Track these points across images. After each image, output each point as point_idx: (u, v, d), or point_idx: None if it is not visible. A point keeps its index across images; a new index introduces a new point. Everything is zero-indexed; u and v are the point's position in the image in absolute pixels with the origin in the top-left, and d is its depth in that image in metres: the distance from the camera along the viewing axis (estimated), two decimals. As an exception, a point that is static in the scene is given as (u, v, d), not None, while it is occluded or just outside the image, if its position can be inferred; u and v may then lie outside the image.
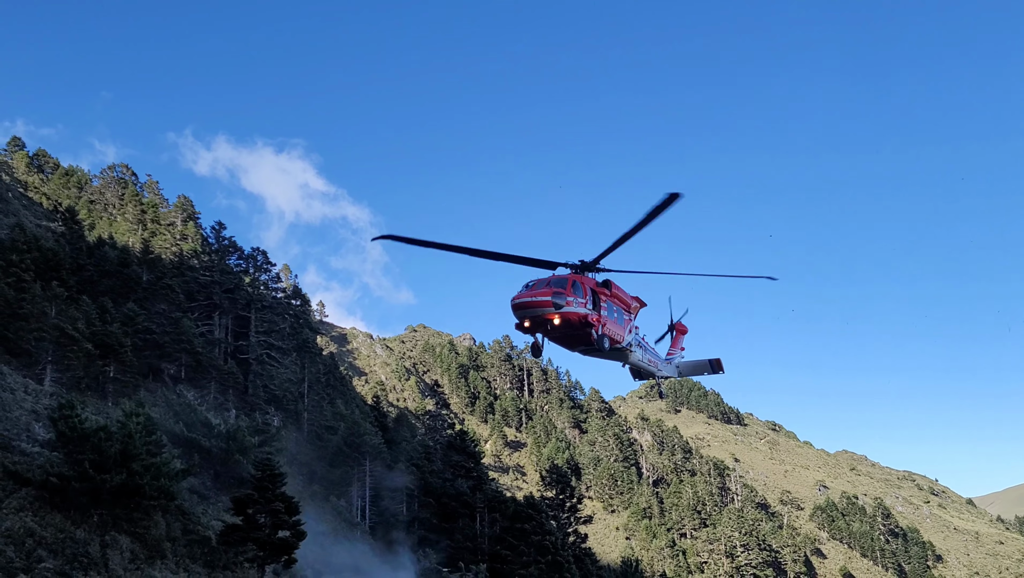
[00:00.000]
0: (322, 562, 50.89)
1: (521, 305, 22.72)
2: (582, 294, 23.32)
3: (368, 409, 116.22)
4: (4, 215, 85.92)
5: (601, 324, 24.20)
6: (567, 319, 22.81)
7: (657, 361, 30.14)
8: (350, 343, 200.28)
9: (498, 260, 23.02)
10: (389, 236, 21.09)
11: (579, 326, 23.38)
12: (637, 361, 28.25)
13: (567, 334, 23.83)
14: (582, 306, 23.21)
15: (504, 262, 23.17)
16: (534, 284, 23.25)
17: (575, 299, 22.98)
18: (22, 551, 29.54)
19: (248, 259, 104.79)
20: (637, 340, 27.78)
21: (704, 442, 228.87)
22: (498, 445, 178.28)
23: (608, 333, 24.72)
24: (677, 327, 32.16)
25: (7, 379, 47.18)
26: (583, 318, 23.24)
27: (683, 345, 32.73)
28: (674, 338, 32.25)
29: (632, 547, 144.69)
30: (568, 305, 22.69)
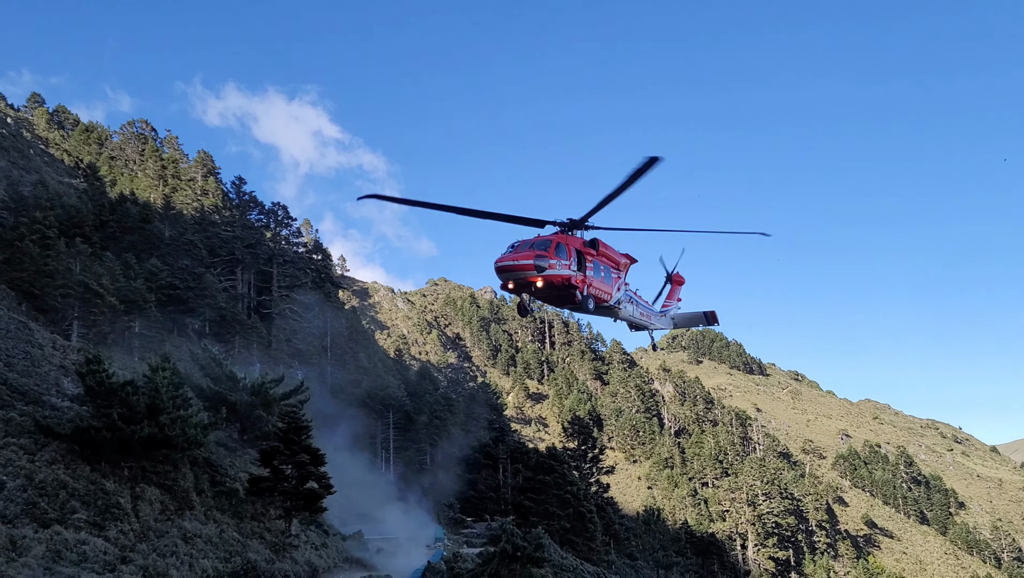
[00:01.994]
0: (348, 512, 51.68)
1: (504, 268, 22.82)
2: (566, 256, 23.37)
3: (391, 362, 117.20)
4: (27, 172, 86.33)
5: (586, 284, 24.29)
6: (550, 281, 22.90)
7: (650, 314, 30.16)
8: (372, 297, 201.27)
9: (487, 219, 22.91)
10: (375, 195, 20.88)
11: (562, 287, 23.51)
12: (628, 316, 28.33)
13: (551, 295, 24.04)
14: (565, 268, 23.26)
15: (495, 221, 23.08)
16: (518, 245, 23.31)
17: (558, 261, 23.03)
18: (56, 502, 30.09)
19: (269, 214, 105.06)
20: (628, 296, 27.76)
21: (726, 392, 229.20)
22: (520, 397, 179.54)
23: (593, 293, 24.79)
24: (674, 278, 32.09)
25: (35, 335, 47.72)
26: (566, 280, 23.35)
27: (680, 296, 32.65)
28: (671, 290, 32.14)
29: (654, 497, 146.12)
30: (551, 268, 22.74)
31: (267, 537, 39.37)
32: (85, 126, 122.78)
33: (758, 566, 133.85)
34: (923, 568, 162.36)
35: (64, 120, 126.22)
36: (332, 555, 42.96)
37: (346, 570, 43.13)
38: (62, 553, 27.28)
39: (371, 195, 20.59)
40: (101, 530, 30.09)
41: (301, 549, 40.60)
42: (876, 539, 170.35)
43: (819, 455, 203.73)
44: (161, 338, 67.18)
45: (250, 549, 36.44)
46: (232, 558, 34.58)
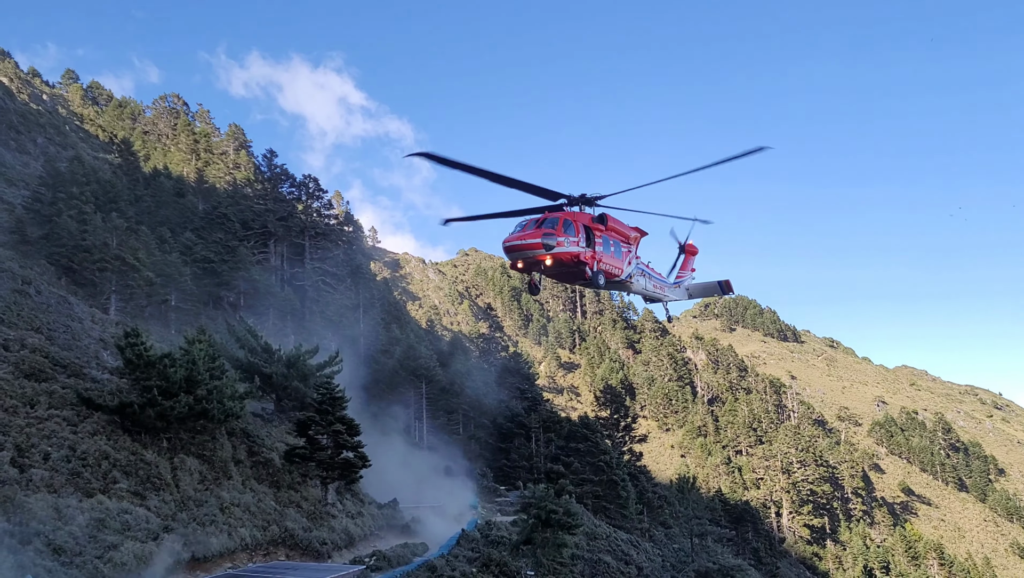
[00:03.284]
0: (383, 481, 52.27)
1: (512, 248, 22.87)
2: (574, 232, 23.32)
3: (422, 333, 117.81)
4: (62, 148, 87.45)
5: (596, 260, 24.25)
6: (559, 259, 22.89)
7: (663, 286, 30.11)
8: (403, 268, 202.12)
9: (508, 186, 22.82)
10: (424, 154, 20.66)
11: (572, 264, 23.47)
12: (640, 289, 28.32)
13: (561, 272, 24.09)
14: (574, 245, 23.22)
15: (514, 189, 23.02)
16: (525, 224, 23.31)
17: (566, 238, 22.99)
18: (98, 473, 30.73)
19: (300, 186, 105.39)
20: (639, 269, 27.68)
21: (760, 360, 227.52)
22: (552, 367, 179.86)
23: (604, 268, 24.78)
24: (687, 248, 31.89)
25: (75, 309, 48.57)
26: (575, 257, 23.30)
27: (693, 266, 32.51)
28: (684, 260, 31.97)
29: (687, 465, 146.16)
30: (559, 245, 22.73)
31: (304, 506, 39.97)
32: (118, 101, 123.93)
33: (793, 533, 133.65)
34: (962, 535, 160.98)
35: (98, 96, 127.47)
36: (368, 523, 43.56)
37: (382, 538, 43.73)
38: (106, 522, 27.89)
39: (420, 153, 20.43)
40: (143, 500, 30.72)
41: (338, 518, 41.20)
42: (913, 506, 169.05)
43: (855, 422, 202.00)
44: (197, 311, 68.11)
45: (287, 518, 37.04)
46: (270, 526, 35.19)
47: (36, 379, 35.36)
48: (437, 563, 36.83)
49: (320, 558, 36.22)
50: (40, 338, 40.07)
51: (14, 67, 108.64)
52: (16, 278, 46.81)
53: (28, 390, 33.90)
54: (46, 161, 72.94)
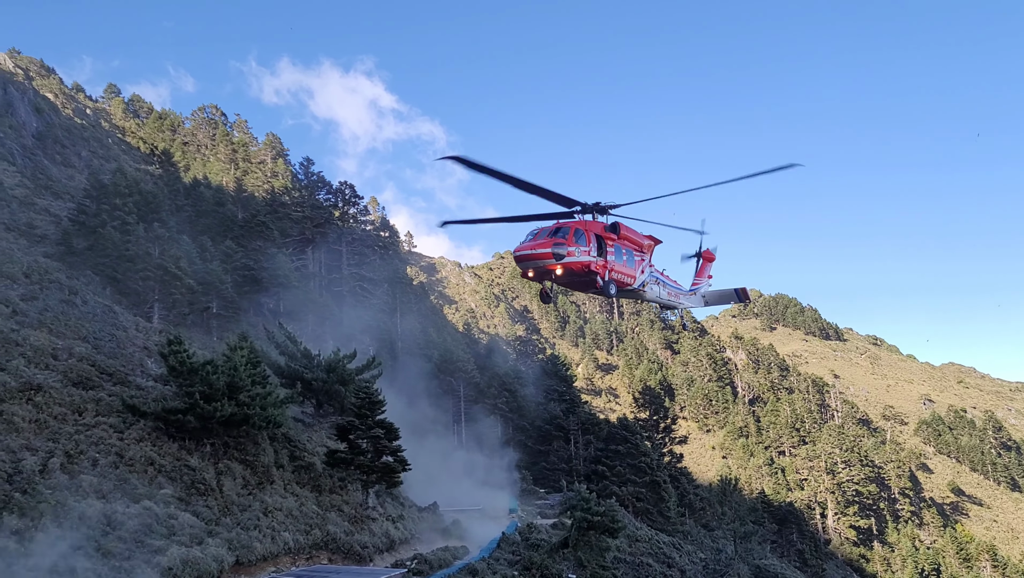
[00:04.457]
0: (423, 485, 52.48)
1: (523, 257, 22.92)
2: (585, 242, 23.26)
3: (459, 336, 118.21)
4: (105, 160, 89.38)
5: (608, 269, 24.18)
6: (570, 268, 22.89)
7: (678, 293, 29.94)
8: (439, 272, 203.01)
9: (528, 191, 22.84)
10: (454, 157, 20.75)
11: (583, 274, 23.44)
12: (655, 298, 28.18)
13: (572, 281, 24.06)
14: (585, 254, 23.17)
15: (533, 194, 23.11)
16: (536, 233, 23.31)
17: (577, 248, 22.96)
18: (144, 478, 31.29)
19: (336, 193, 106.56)
20: (653, 277, 27.58)
21: (801, 359, 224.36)
22: (589, 368, 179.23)
23: (615, 277, 24.70)
24: (704, 255, 31.63)
25: (119, 318, 49.56)
26: (586, 266, 23.27)
27: (710, 273, 32.23)
28: (700, 267, 31.71)
29: (729, 466, 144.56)
30: (570, 255, 22.72)
31: (345, 510, 40.27)
32: (158, 114, 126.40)
33: (839, 535, 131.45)
34: (1015, 536, 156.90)
35: (139, 108, 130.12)
36: (409, 527, 43.74)
37: (423, 541, 43.87)
38: (152, 527, 28.36)
39: (451, 156, 20.57)
40: (188, 505, 31.19)
41: (378, 521, 41.43)
42: (964, 507, 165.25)
43: (900, 421, 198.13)
44: (237, 318, 69.11)
45: (329, 522, 37.33)
46: (312, 530, 35.48)
47: (84, 387, 36.13)
48: (478, 566, 36.83)
49: (362, 562, 36.45)
50: (87, 347, 40.94)
51: (59, 83, 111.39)
52: (63, 288, 47.90)
53: (76, 398, 34.66)
54: (90, 174, 74.60)
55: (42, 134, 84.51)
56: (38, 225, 62.83)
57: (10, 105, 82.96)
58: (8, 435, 29.64)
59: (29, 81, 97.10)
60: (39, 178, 75.16)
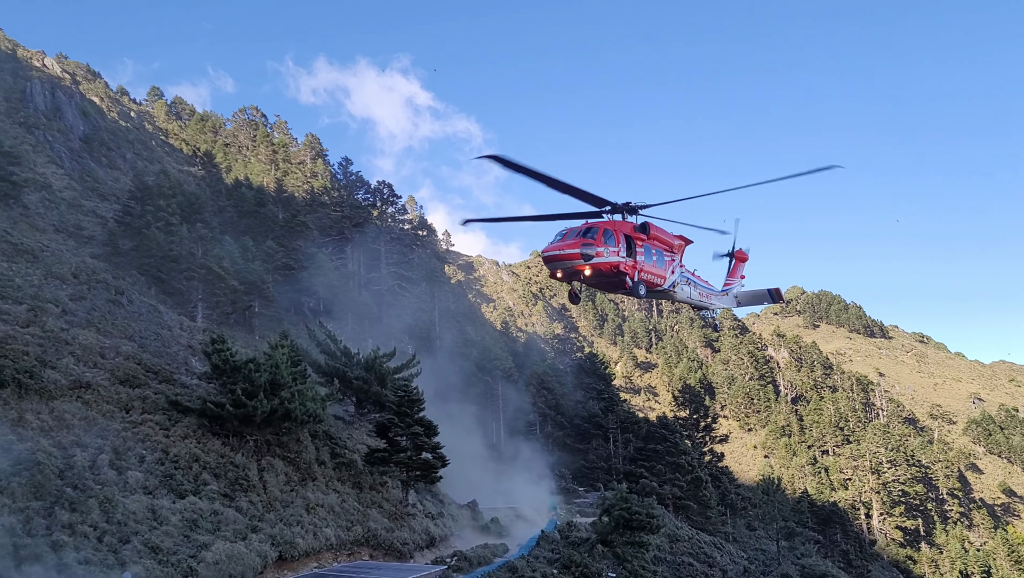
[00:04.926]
0: (462, 483, 52.63)
1: (551, 257, 22.79)
2: (614, 242, 23.08)
3: (498, 335, 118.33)
4: (149, 162, 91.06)
5: (637, 270, 23.99)
6: (598, 269, 22.73)
7: (710, 294, 29.62)
8: (477, 270, 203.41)
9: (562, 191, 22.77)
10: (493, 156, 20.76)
11: (612, 274, 23.26)
12: (685, 298, 27.89)
13: (601, 282, 23.85)
14: (614, 254, 22.99)
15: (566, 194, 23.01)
16: (565, 234, 23.16)
17: (606, 248, 22.78)
18: (189, 475, 31.81)
19: (375, 192, 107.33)
20: (684, 277, 27.31)
21: (846, 357, 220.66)
22: (628, 367, 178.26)
23: (645, 278, 24.51)
24: (736, 255, 31.32)
25: (164, 317, 50.46)
26: (615, 267, 23.09)
27: (743, 273, 31.85)
28: (733, 267, 31.38)
29: (771, 465, 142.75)
30: (598, 256, 22.55)
31: (385, 506, 40.55)
32: (200, 116, 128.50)
33: (884, 536, 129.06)
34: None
35: (181, 111, 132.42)
36: (448, 524, 43.91)
37: (462, 538, 44.02)
38: (198, 522, 28.82)
39: (489, 155, 20.62)
40: (232, 501, 31.64)
41: (418, 518, 41.66)
42: (1016, 508, 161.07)
43: (948, 420, 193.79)
44: (279, 317, 69.98)
45: (370, 518, 37.62)
46: (353, 527, 35.79)
47: (130, 385, 36.83)
48: (518, 564, 36.84)
49: (402, 558, 36.67)
50: (133, 346, 41.74)
51: (104, 87, 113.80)
52: (110, 288, 48.89)
53: (123, 395, 35.34)
54: (135, 176, 76.16)
55: (88, 137, 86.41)
56: (85, 226, 64.23)
57: (58, 109, 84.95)
58: (59, 431, 30.32)
59: (76, 85, 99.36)
60: (86, 180, 76.86)
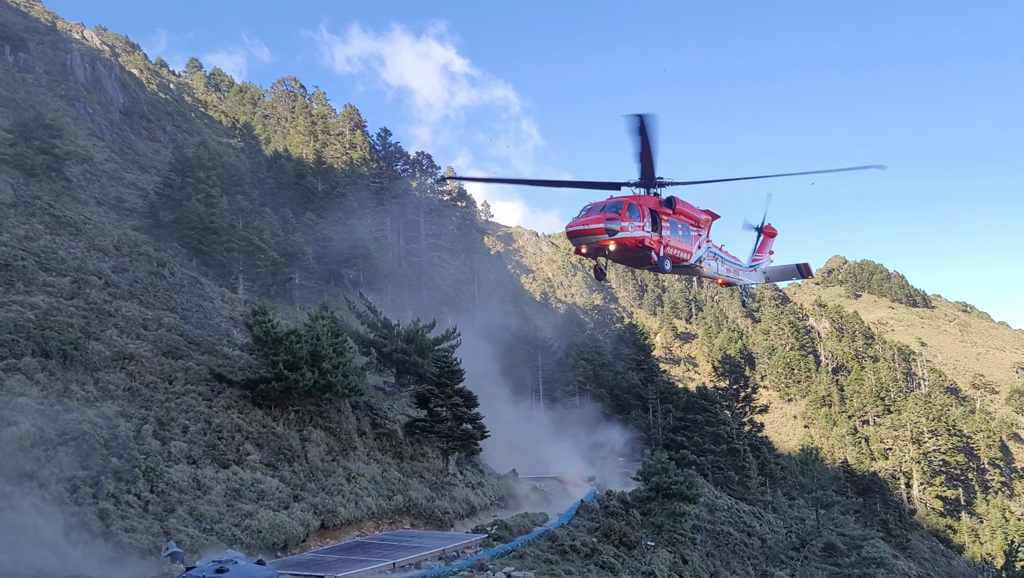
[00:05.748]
0: (501, 452, 52.74)
1: (575, 233, 22.40)
2: (639, 217, 22.59)
3: (537, 305, 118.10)
4: (189, 134, 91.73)
5: (663, 244, 23.50)
6: (623, 244, 22.28)
7: (738, 269, 29.07)
8: (516, 241, 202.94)
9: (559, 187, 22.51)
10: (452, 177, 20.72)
11: (637, 249, 22.85)
12: (712, 274, 27.39)
13: (626, 257, 23.59)
14: (639, 229, 22.52)
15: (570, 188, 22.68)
16: (589, 209, 22.71)
17: (631, 223, 22.29)
18: (232, 445, 32.17)
19: (414, 164, 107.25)
20: (711, 253, 26.73)
21: (887, 327, 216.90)
22: (668, 337, 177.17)
23: (671, 253, 24.01)
24: (765, 230, 30.64)
25: (206, 289, 50.96)
26: (640, 241, 22.64)
27: (772, 249, 31.21)
28: (762, 242, 30.72)
29: (811, 435, 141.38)
30: (623, 230, 22.07)
31: (426, 476, 40.72)
32: (239, 87, 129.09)
33: (925, 505, 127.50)
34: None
35: (219, 82, 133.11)
36: (488, 493, 44.02)
37: (502, 508, 44.13)
38: (241, 492, 29.14)
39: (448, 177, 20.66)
40: (274, 470, 31.95)
41: (458, 487, 41.79)
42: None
43: (991, 390, 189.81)
44: (319, 288, 70.40)
45: (411, 488, 37.80)
46: (394, 496, 35.98)
47: (173, 356, 37.25)
48: (558, 533, 36.84)
49: (443, 527, 36.86)
50: (175, 317, 42.19)
51: (143, 59, 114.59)
52: (152, 261, 49.43)
53: (166, 367, 35.76)
54: (175, 148, 76.77)
55: (128, 109, 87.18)
56: (126, 199, 64.95)
57: (98, 82, 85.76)
58: (104, 402, 30.78)
59: (115, 57, 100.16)
60: (126, 153, 77.67)
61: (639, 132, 20.70)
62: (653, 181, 23.22)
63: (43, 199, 49.71)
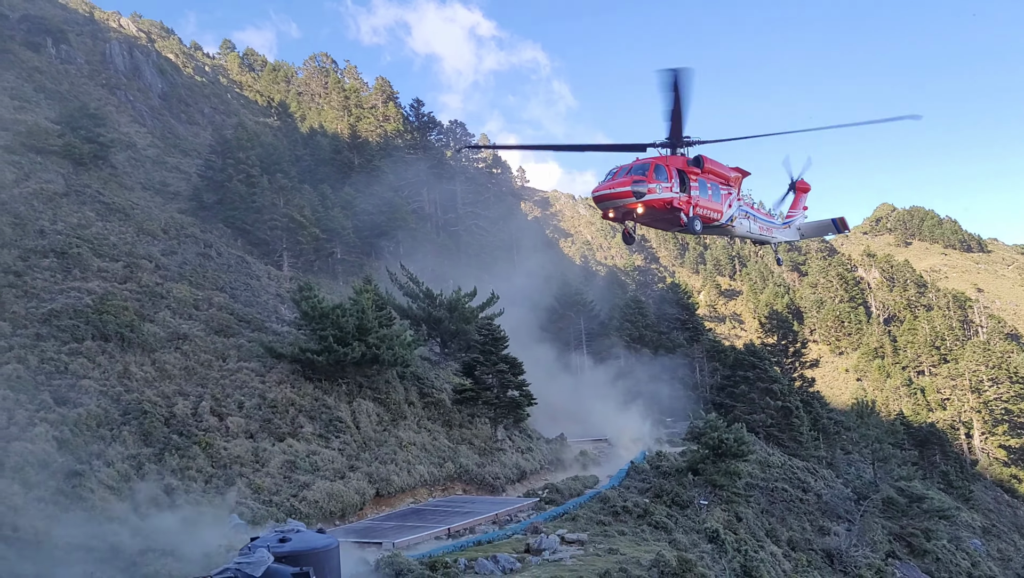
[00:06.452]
0: (548, 417, 53.07)
1: (602, 197, 22.06)
2: (666, 177, 22.20)
3: (577, 269, 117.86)
4: (226, 116, 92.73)
5: (692, 205, 23.09)
6: (651, 206, 21.93)
7: (771, 227, 28.72)
8: (553, 205, 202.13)
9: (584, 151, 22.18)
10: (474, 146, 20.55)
11: (665, 211, 22.48)
12: (744, 233, 27.06)
13: (655, 219, 23.32)
14: (667, 191, 22.15)
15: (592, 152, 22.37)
16: (615, 172, 22.34)
17: (658, 184, 21.91)
18: (286, 418, 32.95)
19: (447, 133, 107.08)
20: (743, 211, 26.28)
21: (941, 274, 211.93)
22: (712, 295, 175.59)
23: (700, 213, 23.60)
24: (798, 185, 30.10)
25: (252, 268, 51.88)
26: (668, 203, 22.27)
27: (806, 204, 30.71)
28: (795, 198, 30.21)
29: (864, 388, 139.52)
30: (651, 192, 21.72)
31: (475, 443, 41.26)
32: (272, 66, 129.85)
33: (987, 456, 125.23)
34: None
35: (253, 62, 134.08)
36: (537, 458, 44.45)
37: (552, 472, 44.53)
38: (297, 463, 29.89)
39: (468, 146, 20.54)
40: (328, 442, 32.68)
41: (508, 453, 42.29)
42: None
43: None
44: (360, 262, 71.16)
45: (461, 454, 38.37)
46: (445, 463, 36.58)
47: (224, 334, 38.13)
48: (609, 494, 37.11)
49: (495, 492, 37.39)
50: (224, 297, 43.09)
51: (178, 43, 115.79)
52: (199, 242, 50.42)
53: (219, 345, 36.65)
54: (214, 130, 77.74)
55: (167, 94, 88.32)
56: (170, 183, 66.09)
57: (137, 68, 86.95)
58: (162, 382, 31.71)
59: (151, 44, 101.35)
60: (168, 137, 78.86)
61: (672, 88, 20.39)
62: (681, 141, 22.84)
63: (92, 187, 50.85)
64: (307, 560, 13.16)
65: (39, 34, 76.29)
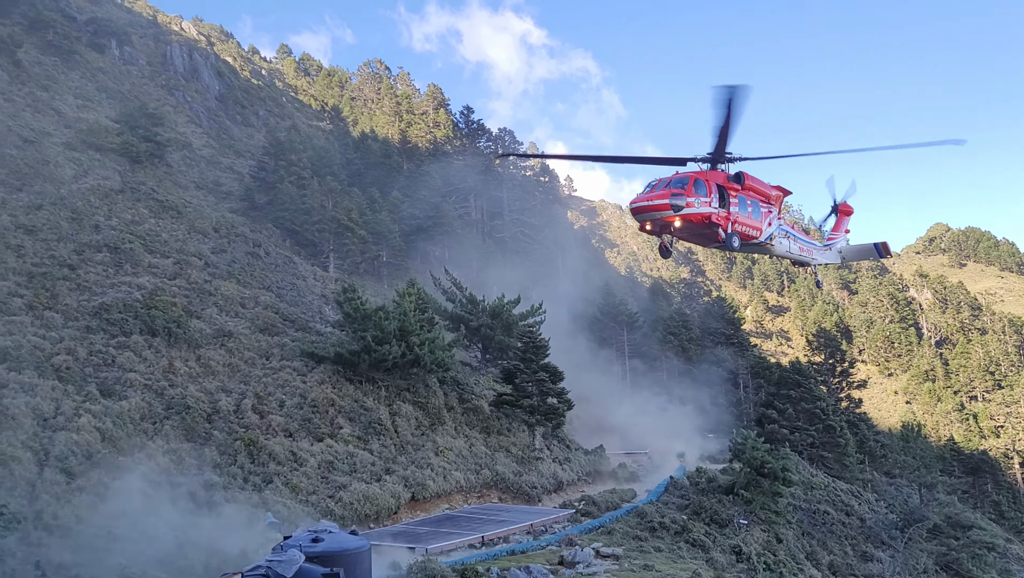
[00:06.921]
0: (588, 428, 52.74)
1: (640, 209, 21.82)
2: (705, 192, 21.88)
3: (622, 280, 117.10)
4: (280, 119, 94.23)
5: (731, 221, 22.68)
6: (689, 220, 21.62)
7: (811, 248, 27.89)
8: (600, 216, 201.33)
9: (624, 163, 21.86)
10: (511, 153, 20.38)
11: (703, 226, 22.14)
12: (784, 252, 26.27)
13: (692, 234, 22.98)
14: (705, 205, 21.81)
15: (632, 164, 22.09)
16: (654, 185, 22.11)
17: (697, 199, 21.60)
18: (326, 419, 33.21)
19: (496, 140, 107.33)
20: (782, 230, 25.61)
21: (996, 297, 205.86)
22: (758, 311, 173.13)
23: (739, 230, 23.15)
24: (841, 208, 29.35)
25: (299, 268, 52.53)
26: (707, 218, 21.93)
27: (848, 228, 29.97)
28: (837, 221, 29.54)
29: (913, 412, 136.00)
30: (689, 206, 21.43)
31: (513, 451, 41.10)
32: (327, 71, 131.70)
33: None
34: None
35: (308, 67, 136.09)
36: (575, 469, 44.11)
37: (589, 483, 44.16)
38: (334, 464, 30.08)
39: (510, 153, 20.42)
40: (366, 444, 32.84)
41: (545, 462, 42.04)
42: None
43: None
44: (405, 265, 71.60)
45: (498, 462, 38.24)
46: (482, 470, 36.48)
47: (269, 333, 38.62)
48: (647, 509, 36.63)
49: (531, 501, 37.17)
50: (271, 296, 43.68)
51: (236, 47, 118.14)
52: (248, 241, 51.22)
53: (263, 343, 37.12)
54: (268, 132, 78.97)
55: (223, 96, 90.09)
56: (223, 183, 67.32)
57: (195, 70, 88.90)
58: (206, 378, 32.21)
59: (211, 47, 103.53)
60: (223, 138, 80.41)
61: (726, 105, 20.13)
62: (723, 156, 22.56)
63: (147, 184, 52.00)
64: (339, 561, 13.13)
65: (104, 36, 78.50)
